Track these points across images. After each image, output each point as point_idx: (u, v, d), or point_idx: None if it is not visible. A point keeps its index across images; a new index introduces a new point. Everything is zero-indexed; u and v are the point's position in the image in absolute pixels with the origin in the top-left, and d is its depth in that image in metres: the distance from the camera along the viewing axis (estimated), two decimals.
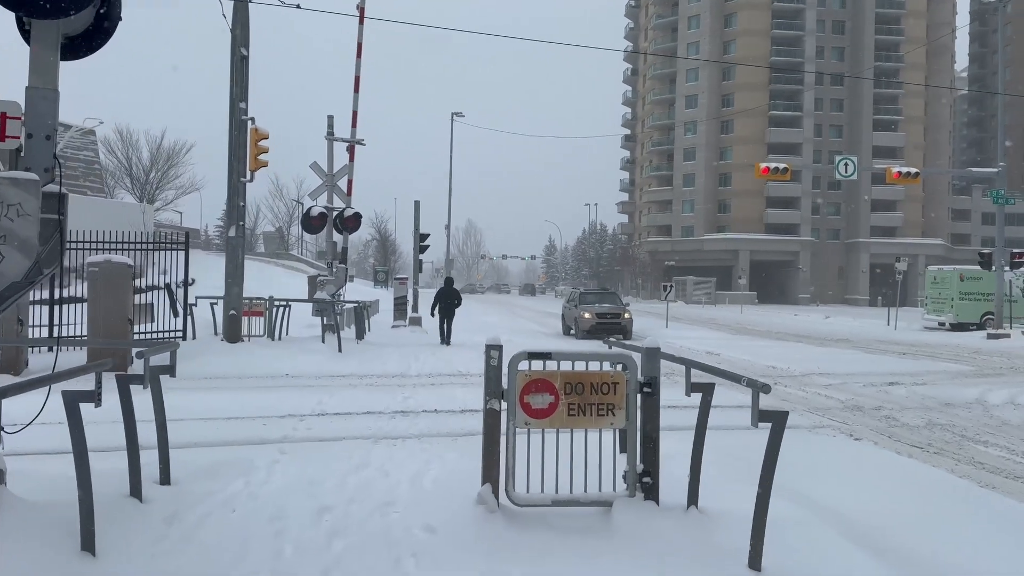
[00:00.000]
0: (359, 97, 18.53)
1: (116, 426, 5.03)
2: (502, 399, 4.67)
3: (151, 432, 5.45)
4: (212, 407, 9.10)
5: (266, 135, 14.45)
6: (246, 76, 14.66)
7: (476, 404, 9.74)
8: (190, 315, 16.15)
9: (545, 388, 4.65)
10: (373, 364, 14.30)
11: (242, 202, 14.83)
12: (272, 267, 50.55)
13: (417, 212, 24.73)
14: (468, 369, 14.09)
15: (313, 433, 7.68)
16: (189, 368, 12.60)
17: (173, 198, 55.50)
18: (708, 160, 76.16)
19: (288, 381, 11.92)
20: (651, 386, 4.73)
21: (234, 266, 14.90)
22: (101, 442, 5.26)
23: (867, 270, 76.01)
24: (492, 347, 4.67)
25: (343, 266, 18.25)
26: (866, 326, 34.90)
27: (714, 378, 4.81)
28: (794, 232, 74.86)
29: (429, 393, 10.81)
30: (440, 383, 12.04)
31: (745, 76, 74.91)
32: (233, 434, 7.55)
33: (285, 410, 8.93)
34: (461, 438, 7.58)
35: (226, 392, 10.56)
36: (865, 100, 75.93)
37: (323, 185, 18.07)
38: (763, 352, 19.59)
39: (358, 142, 18.30)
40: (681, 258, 75.94)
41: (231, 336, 14.83)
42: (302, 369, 13.10)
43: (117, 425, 4.97)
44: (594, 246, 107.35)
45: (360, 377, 12.58)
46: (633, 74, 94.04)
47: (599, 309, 23.79)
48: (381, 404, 9.59)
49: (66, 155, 39.40)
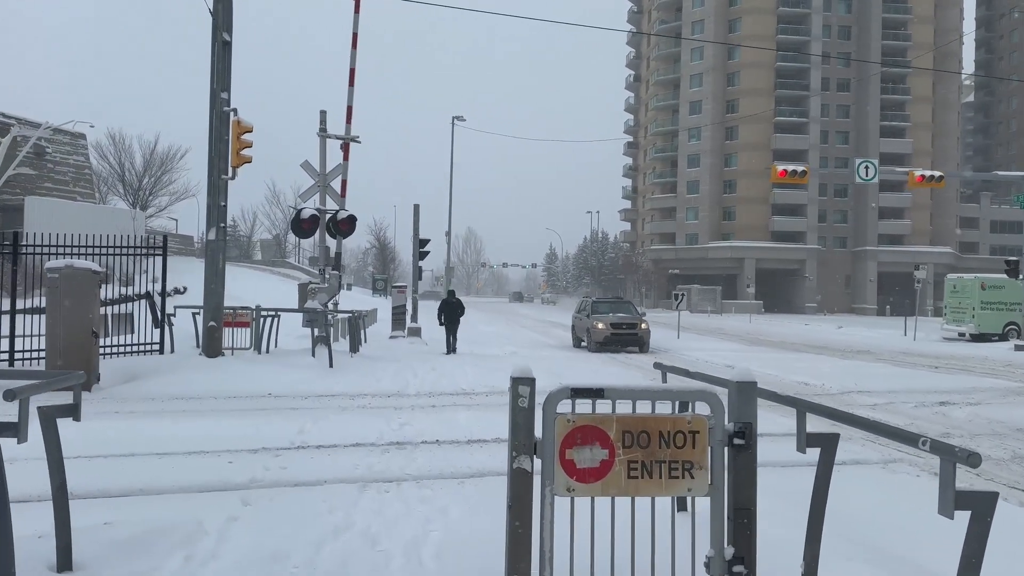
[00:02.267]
0: (354, 91, 17.22)
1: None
2: (534, 454, 3.29)
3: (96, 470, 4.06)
4: (173, 437, 7.72)
5: (250, 128, 13.10)
6: (228, 64, 13.33)
7: (484, 432, 8.36)
8: (169, 326, 14.79)
9: (595, 439, 3.28)
10: (367, 381, 12.91)
11: (223, 202, 13.47)
12: (267, 275, 49.21)
13: (417, 216, 23.38)
14: (472, 386, 12.71)
15: (288, 475, 6.28)
16: (159, 387, 11.24)
17: (167, 204, 54.20)
18: (713, 167, 74.83)
19: (269, 402, 10.53)
20: (745, 436, 3.35)
21: (214, 272, 13.52)
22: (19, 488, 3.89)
23: (875, 279, 74.62)
24: (520, 382, 3.29)
25: (336, 273, 16.88)
26: (882, 336, 33.52)
27: (862, 433, 3.41)
28: (800, 240, 73.49)
29: (429, 417, 9.42)
30: (441, 404, 10.65)
31: (750, 82, 73.75)
32: (188, 476, 6.16)
33: (259, 441, 7.54)
34: (469, 481, 6.20)
35: (194, 417, 9.17)
36: (872, 106, 74.71)
37: (315, 186, 16.73)
38: (788, 366, 18.23)
39: (353, 139, 16.97)
40: (685, 266, 74.49)
41: (210, 350, 13.45)
42: (287, 387, 11.71)
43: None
44: (596, 254, 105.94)
45: (351, 397, 11.18)
46: (635, 80, 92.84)
47: (613, 319, 22.40)
48: (373, 432, 8.19)
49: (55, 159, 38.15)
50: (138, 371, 12.46)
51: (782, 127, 73.77)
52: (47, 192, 35.69)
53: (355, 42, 17.15)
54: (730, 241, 73.53)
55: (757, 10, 74.01)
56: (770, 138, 73.41)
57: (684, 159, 76.97)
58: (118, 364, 12.88)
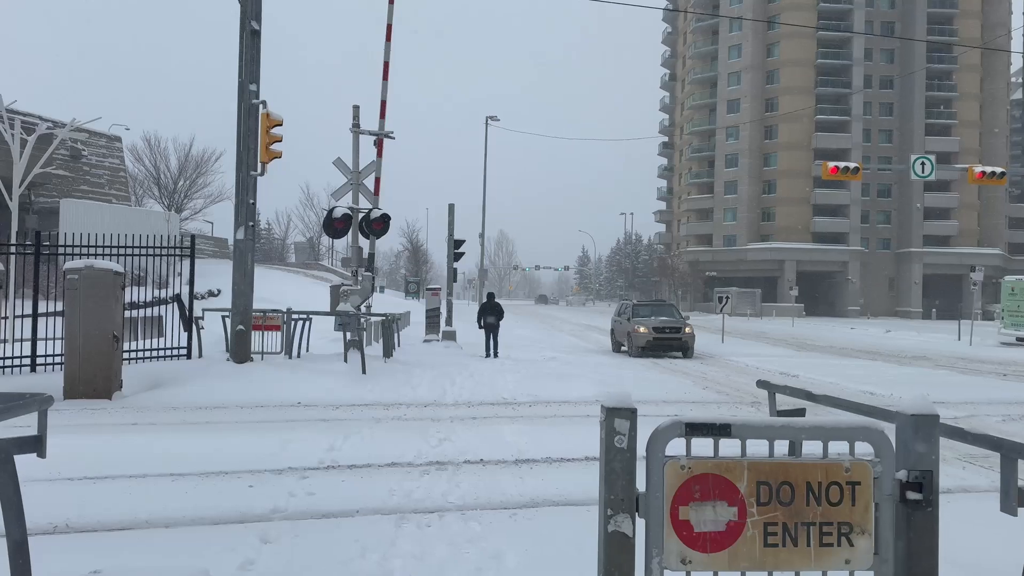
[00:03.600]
0: (388, 85, 16.52)
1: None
2: (636, 513, 2.43)
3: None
4: (191, 454, 6.99)
5: (280, 121, 12.41)
6: (258, 54, 12.66)
7: (532, 450, 7.50)
8: (198, 329, 14.19)
9: (720, 492, 2.42)
10: (402, 389, 12.14)
11: (252, 199, 12.80)
12: (300, 277, 48.99)
13: (452, 215, 22.62)
14: (513, 395, 11.88)
15: (315, 503, 5.49)
16: (182, 395, 10.58)
17: (202, 207, 54.28)
18: (751, 167, 73.08)
19: (298, 412, 9.79)
20: (923, 488, 2.45)
21: (242, 273, 12.86)
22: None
23: (920, 281, 72.26)
24: (617, 413, 2.44)
25: (369, 274, 16.17)
26: (934, 341, 32.02)
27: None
28: (842, 241, 71.45)
29: (470, 432, 8.59)
30: (482, 416, 9.83)
31: (790, 80, 71.95)
32: (203, 503, 5.40)
33: (285, 459, 6.78)
34: (521, 514, 5.35)
35: (217, 431, 8.45)
36: (916, 103, 72.43)
37: (348, 183, 16.04)
38: (846, 373, 17.13)
39: (387, 135, 16.27)
40: (722, 268, 72.88)
41: (239, 355, 12.78)
42: (317, 396, 10.98)
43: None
44: (629, 256, 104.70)
45: (386, 407, 10.41)
46: (671, 79, 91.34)
47: (656, 322, 21.41)
48: (410, 450, 7.39)
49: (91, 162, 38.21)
50: (163, 377, 11.84)
51: (823, 126, 71.85)
52: (83, 195, 35.73)
53: (389, 34, 16.46)
54: (769, 243, 71.76)
55: (797, 6, 72.20)
56: (811, 137, 71.54)
57: (722, 159, 75.35)
58: (142, 370, 12.28)
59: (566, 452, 7.39)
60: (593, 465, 6.92)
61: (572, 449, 7.50)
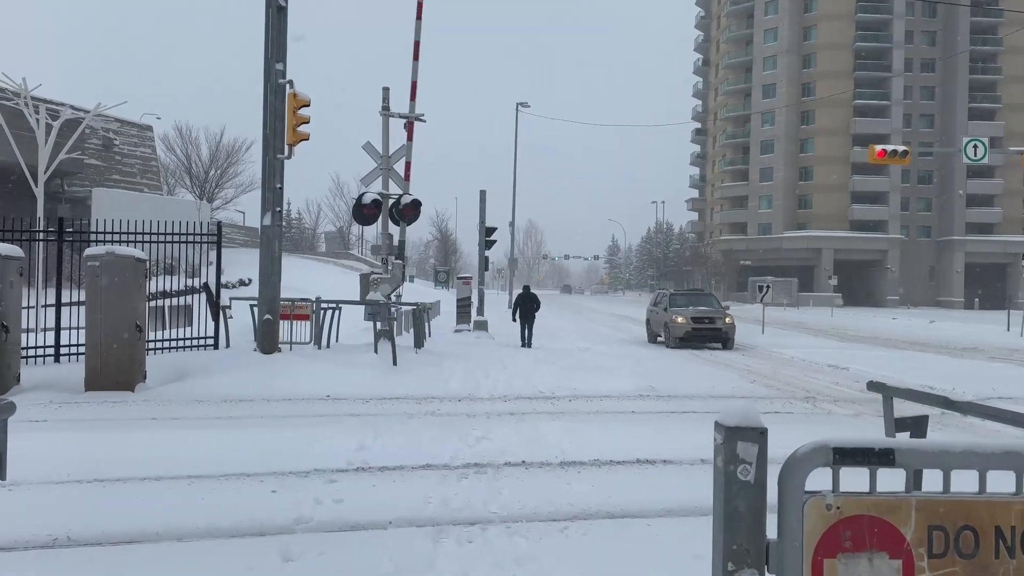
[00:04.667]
0: (419, 65, 15.92)
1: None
2: (766, 568, 1.82)
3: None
4: (212, 453, 6.50)
5: (307, 101, 11.88)
6: (284, 31, 12.14)
7: (577, 451, 6.86)
8: (226, 319, 13.79)
9: (879, 540, 1.81)
10: (434, 382, 11.60)
11: (279, 184, 12.31)
12: (330, 266, 48.85)
13: (483, 202, 22.02)
14: (551, 389, 11.28)
15: (343, 512, 4.95)
16: (207, 387, 10.14)
17: (233, 196, 54.34)
18: (787, 153, 71.38)
19: (327, 407, 9.28)
20: None
21: (269, 260, 12.39)
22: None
23: (962, 270, 70.25)
24: (740, 434, 1.83)
25: (399, 262, 15.64)
26: (982, 332, 30.81)
27: None
28: (881, 229, 69.61)
29: (508, 429, 8.01)
30: (520, 412, 9.24)
31: (827, 64, 70.09)
32: (220, 512, 4.88)
33: (312, 460, 6.25)
34: (573, 527, 4.75)
35: (241, 426, 7.97)
36: (960, 87, 70.17)
37: (377, 169, 15.50)
38: (899, 366, 16.27)
39: (417, 117, 15.68)
40: (757, 257, 71.45)
41: (266, 345, 12.33)
42: (347, 388, 10.48)
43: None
44: (660, 245, 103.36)
45: (418, 401, 9.87)
46: (704, 64, 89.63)
47: (695, 312, 20.65)
48: (446, 449, 6.83)
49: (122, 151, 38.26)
50: (188, 368, 11.42)
51: (862, 110, 69.92)
52: (115, 184, 35.81)
53: (420, 12, 15.85)
54: (806, 231, 70.17)
55: None
56: (849, 122, 69.69)
57: (757, 145, 73.74)
58: (168, 360, 11.90)
59: (614, 454, 6.78)
60: (645, 470, 6.31)
61: (620, 450, 6.89)
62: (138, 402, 9.31)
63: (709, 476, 5.76)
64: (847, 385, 12.88)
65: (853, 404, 10.65)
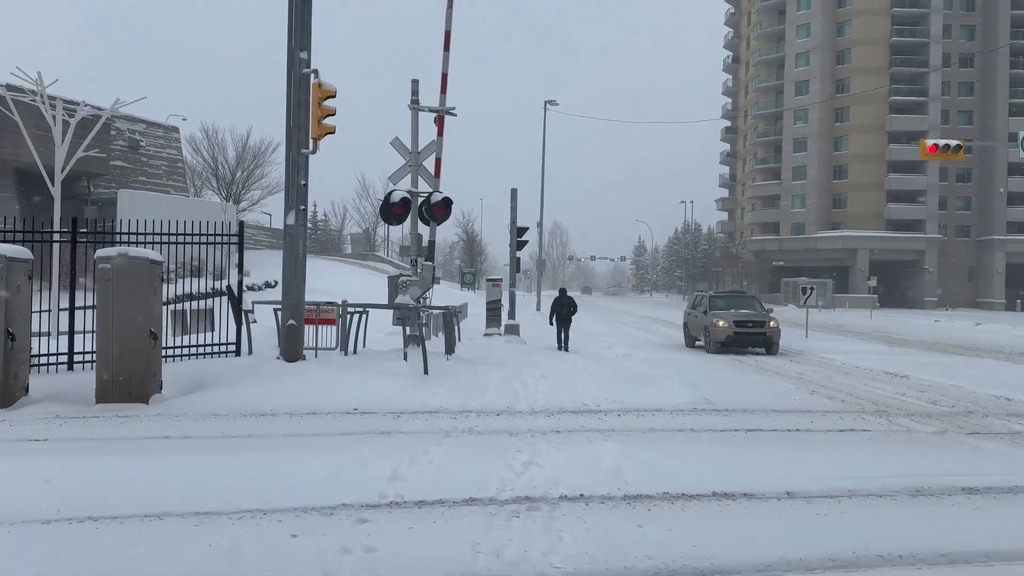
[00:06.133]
0: (450, 56, 15.11)
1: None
2: None
3: None
4: (226, 481, 5.71)
5: (333, 92, 11.10)
6: (308, 18, 11.38)
7: (642, 482, 5.83)
8: (248, 323, 13.06)
9: None
10: (470, 393, 10.77)
11: (304, 180, 11.55)
12: (357, 268, 48.29)
13: (514, 200, 21.16)
14: (596, 401, 10.40)
15: (376, 565, 4.11)
16: (226, 399, 9.38)
17: (259, 198, 54.08)
18: (821, 151, 69.59)
19: (354, 422, 8.48)
20: None
21: (293, 262, 11.63)
22: None
23: (1003, 271, 68.07)
24: None
25: (429, 264, 14.84)
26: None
27: None
28: (919, 229, 67.63)
29: (557, 451, 7.14)
30: (567, 429, 8.36)
31: (862, 59, 68.29)
32: (229, 565, 4.06)
33: (339, 492, 5.43)
34: None
35: (259, 447, 7.17)
36: (1000, 82, 67.99)
37: (406, 166, 14.73)
38: (962, 374, 15.18)
39: (448, 111, 14.87)
40: (790, 258, 69.80)
41: (290, 352, 11.57)
42: (376, 401, 9.67)
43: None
44: (688, 246, 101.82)
45: (453, 416, 9.03)
46: (734, 62, 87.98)
47: (737, 316, 19.65)
48: (491, 478, 5.97)
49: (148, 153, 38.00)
50: (207, 377, 10.70)
51: (898, 107, 68.00)
52: (141, 185, 35.56)
53: (451, 1, 15.05)
54: (841, 231, 68.40)
55: None
56: (884, 119, 67.83)
57: (789, 143, 72.07)
58: (187, 368, 11.20)
59: (684, 484, 5.88)
60: (726, 507, 5.40)
61: (690, 480, 5.99)
62: (151, 417, 8.57)
63: (803, 515, 4.82)
64: (914, 396, 11.86)
65: (930, 419, 9.65)
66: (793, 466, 6.69)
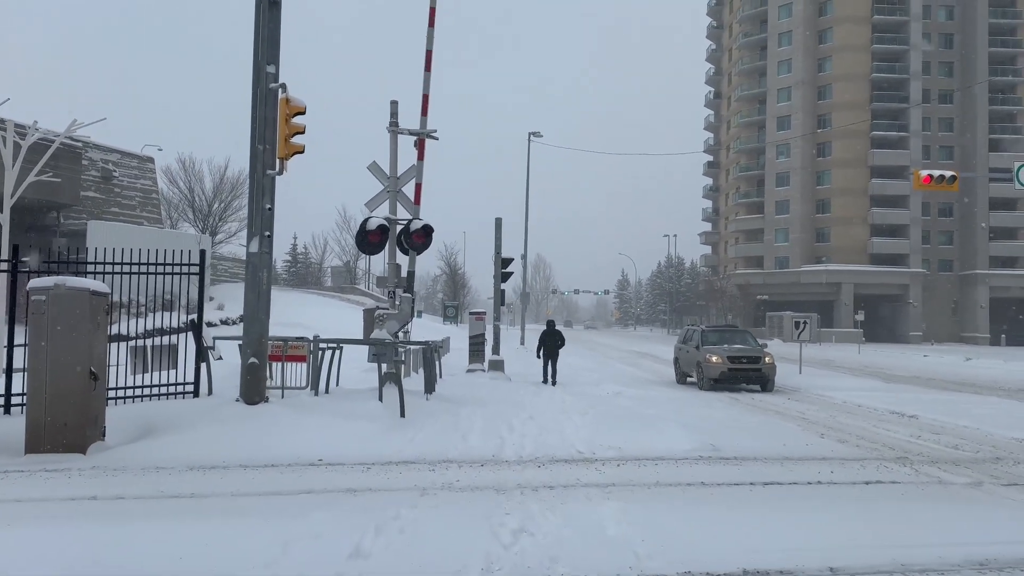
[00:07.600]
0: (431, 77, 14.30)
1: None
2: None
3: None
4: (147, 559, 4.62)
5: (302, 108, 10.18)
6: (277, 29, 10.50)
7: (657, 554, 4.64)
8: (209, 362, 11.94)
9: None
10: (450, 438, 9.72)
11: (269, 204, 10.57)
12: (335, 301, 47.10)
13: (499, 231, 20.27)
14: (589, 448, 9.38)
15: None
16: (174, 448, 8.27)
17: (236, 230, 52.88)
18: (804, 185, 69.58)
19: (317, 477, 7.40)
20: None
21: (256, 294, 10.59)
22: None
23: (987, 305, 67.99)
24: None
25: (408, 296, 13.84)
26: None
27: None
28: (902, 263, 67.49)
29: (551, 511, 6.11)
30: (560, 484, 7.32)
31: (843, 95, 68.68)
32: None
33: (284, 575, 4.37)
34: None
35: (199, 511, 6.06)
36: (979, 118, 68.63)
37: (384, 191, 13.79)
38: (970, 412, 14.38)
39: (429, 134, 14.00)
40: (775, 292, 69.35)
41: (250, 394, 10.47)
42: (344, 449, 8.61)
43: None
44: (671, 280, 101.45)
45: (431, 467, 7.98)
46: (716, 97, 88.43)
47: (731, 351, 18.76)
48: (475, 554, 4.93)
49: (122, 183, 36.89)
50: (157, 422, 9.59)
51: (879, 142, 68.31)
52: (114, 216, 34.43)
53: (432, 19, 14.29)
54: (825, 264, 68.17)
55: (850, 19, 69.14)
56: (866, 154, 68.05)
57: (772, 178, 72.10)
58: (136, 412, 10.05)
59: (707, 559, 4.88)
60: None
61: (713, 553, 4.99)
62: (83, 471, 7.45)
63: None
64: (930, 439, 10.96)
65: (958, 467, 8.73)
66: (828, 531, 5.73)
